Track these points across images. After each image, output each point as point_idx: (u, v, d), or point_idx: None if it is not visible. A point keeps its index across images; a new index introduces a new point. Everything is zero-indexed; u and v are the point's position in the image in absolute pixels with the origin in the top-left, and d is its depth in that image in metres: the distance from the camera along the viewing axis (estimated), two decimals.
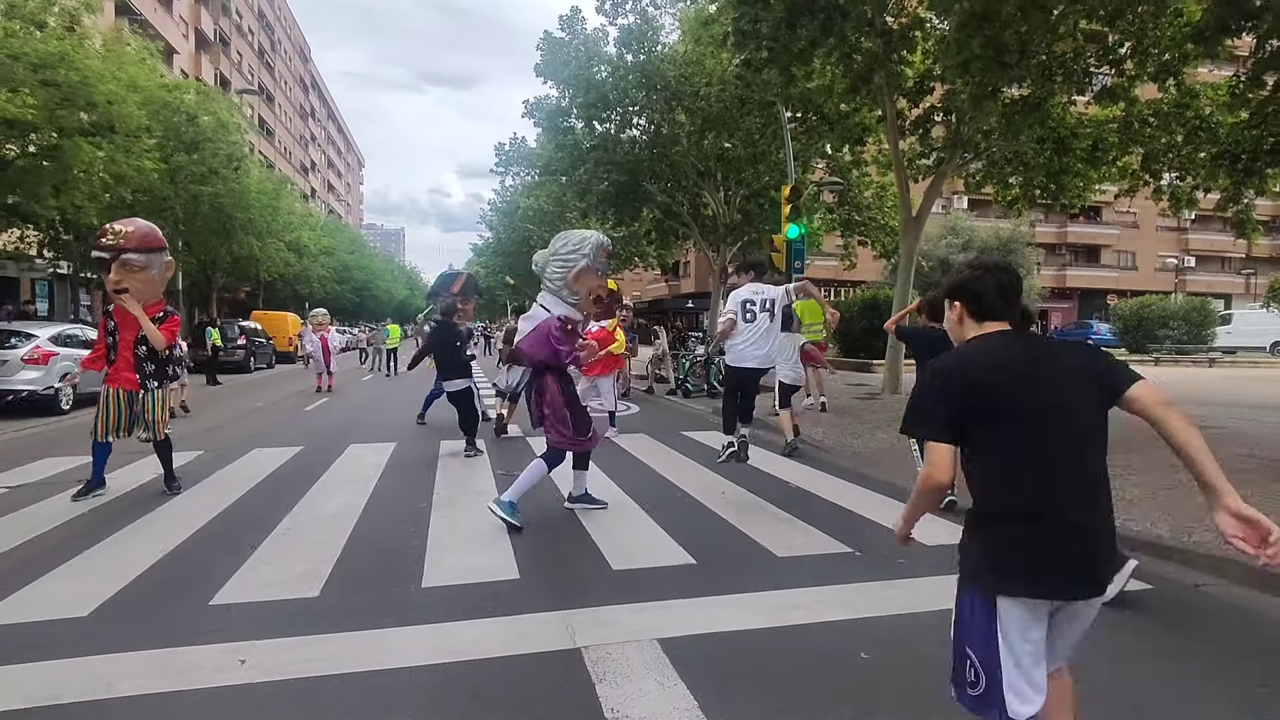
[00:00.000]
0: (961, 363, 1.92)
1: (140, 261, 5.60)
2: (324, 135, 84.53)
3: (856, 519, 5.24)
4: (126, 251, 5.55)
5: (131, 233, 5.60)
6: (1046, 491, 1.79)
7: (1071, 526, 1.77)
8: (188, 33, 42.40)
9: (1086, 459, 1.84)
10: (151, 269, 5.67)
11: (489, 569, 4.10)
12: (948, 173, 13.50)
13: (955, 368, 1.91)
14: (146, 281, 5.66)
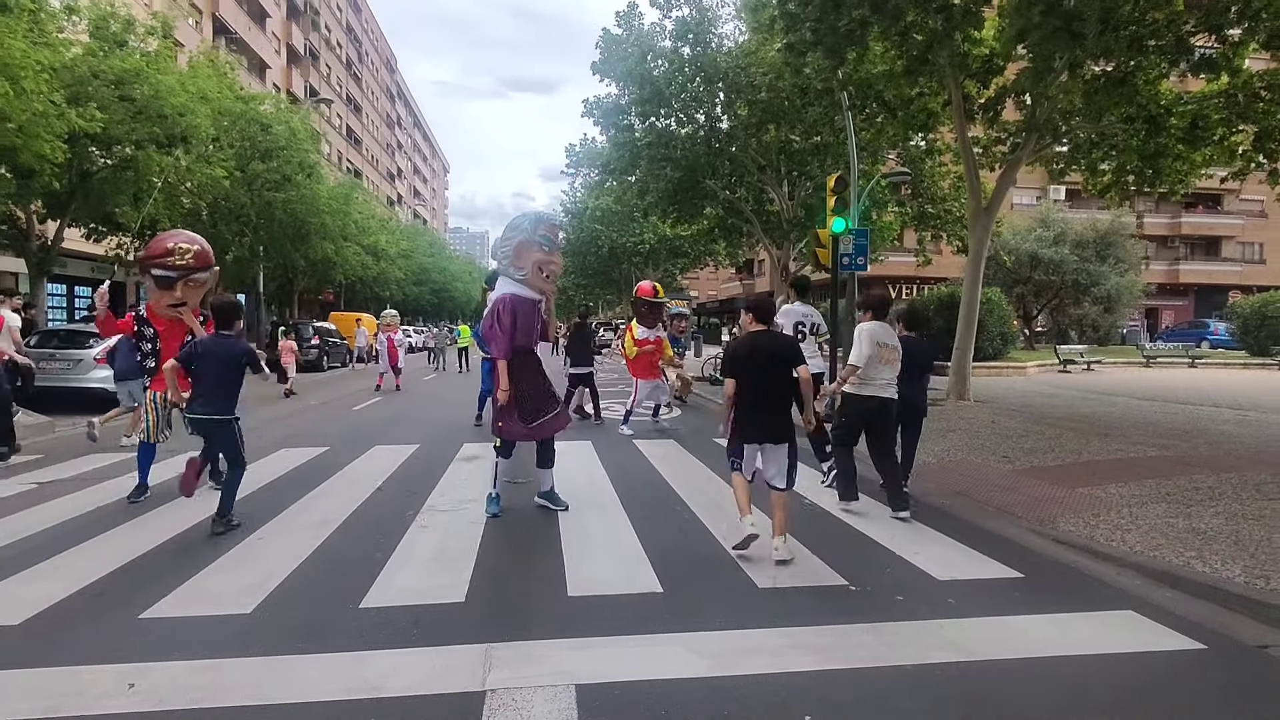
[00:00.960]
0: (740, 343, 4.52)
1: (204, 279, 5.74)
2: (410, 143, 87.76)
3: (867, 545, 4.66)
4: (195, 272, 5.64)
5: (198, 251, 5.72)
6: (755, 400, 4.36)
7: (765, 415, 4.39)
8: (279, 48, 44.72)
9: (776, 388, 4.40)
10: (209, 283, 5.85)
11: (436, 589, 3.80)
12: (1022, 159, 12.39)
13: (738, 345, 4.52)
14: (199, 294, 5.79)
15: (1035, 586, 3.93)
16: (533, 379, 5.43)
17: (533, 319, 5.37)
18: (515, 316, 5.21)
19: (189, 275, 5.60)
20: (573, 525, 5.07)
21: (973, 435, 8.89)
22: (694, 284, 77.29)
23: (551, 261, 5.35)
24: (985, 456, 7.59)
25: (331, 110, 52.84)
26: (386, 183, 71.86)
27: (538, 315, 5.40)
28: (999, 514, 5.46)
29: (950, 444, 8.34)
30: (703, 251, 36.43)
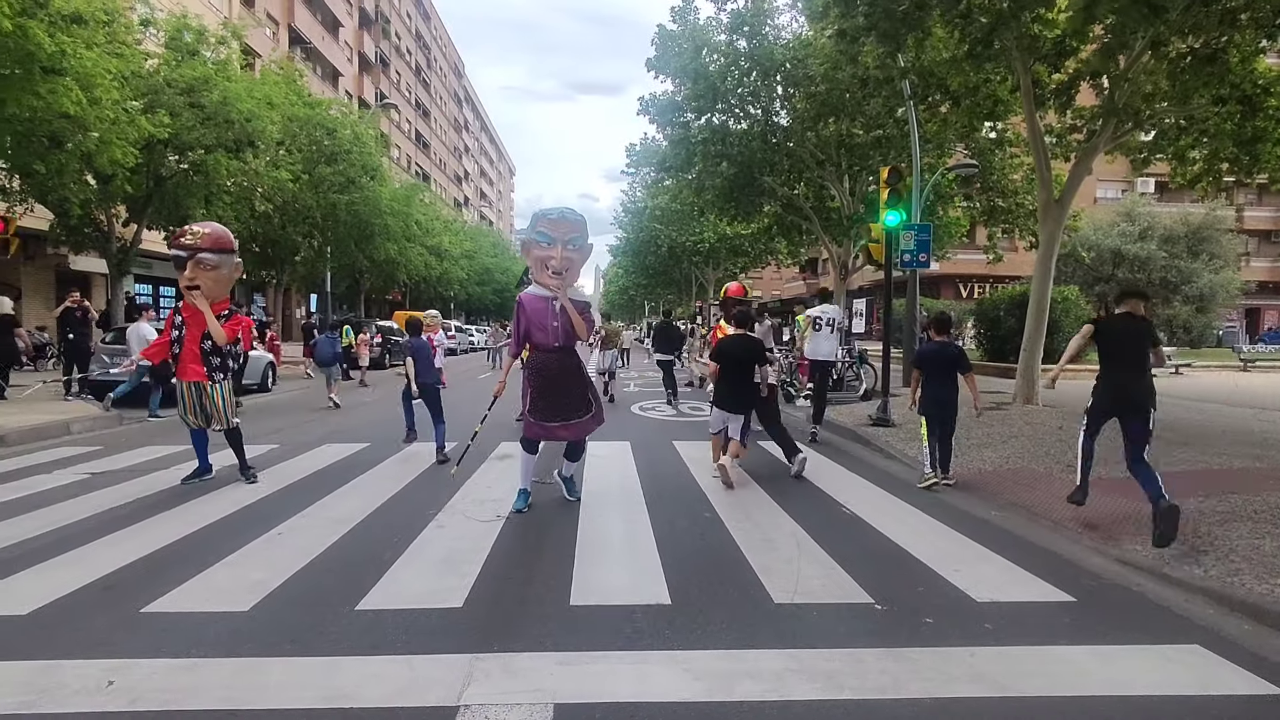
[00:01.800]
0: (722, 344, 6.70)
1: (213, 261, 5.87)
2: (476, 146, 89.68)
3: (904, 560, 4.30)
4: (202, 251, 5.82)
5: (208, 234, 5.92)
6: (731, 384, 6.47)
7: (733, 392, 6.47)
8: (351, 56, 46.32)
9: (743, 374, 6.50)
10: (222, 269, 5.97)
11: (436, 593, 3.67)
12: (1099, 147, 11.54)
13: (720, 344, 6.77)
14: (217, 280, 5.95)
15: (1088, 612, 3.52)
16: (556, 379, 5.32)
17: (545, 317, 5.24)
18: (521, 316, 5.28)
19: (196, 254, 5.79)
20: (592, 527, 4.89)
21: (1037, 441, 8.29)
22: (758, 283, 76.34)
23: (550, 256, 5.18)
24: (1048, 465, 7.03)
25: (401, 115, 54.50)
26: (453, 185, 73.61)
27: (550, 313, 5.25)
28: (1056, 529, 5.00)
29: (1011, 450, 7.79)
30: (763, 250, 35.82)
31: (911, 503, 5.65)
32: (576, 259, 5.28)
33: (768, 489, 6.08)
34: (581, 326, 5.35)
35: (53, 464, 7.13)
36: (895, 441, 8.31)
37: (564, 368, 5.34)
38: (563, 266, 5.22)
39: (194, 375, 5.94)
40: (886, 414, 9.41)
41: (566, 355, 5.37)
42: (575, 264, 5.30)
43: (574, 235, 5.26)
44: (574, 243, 5.23)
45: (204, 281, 5.83)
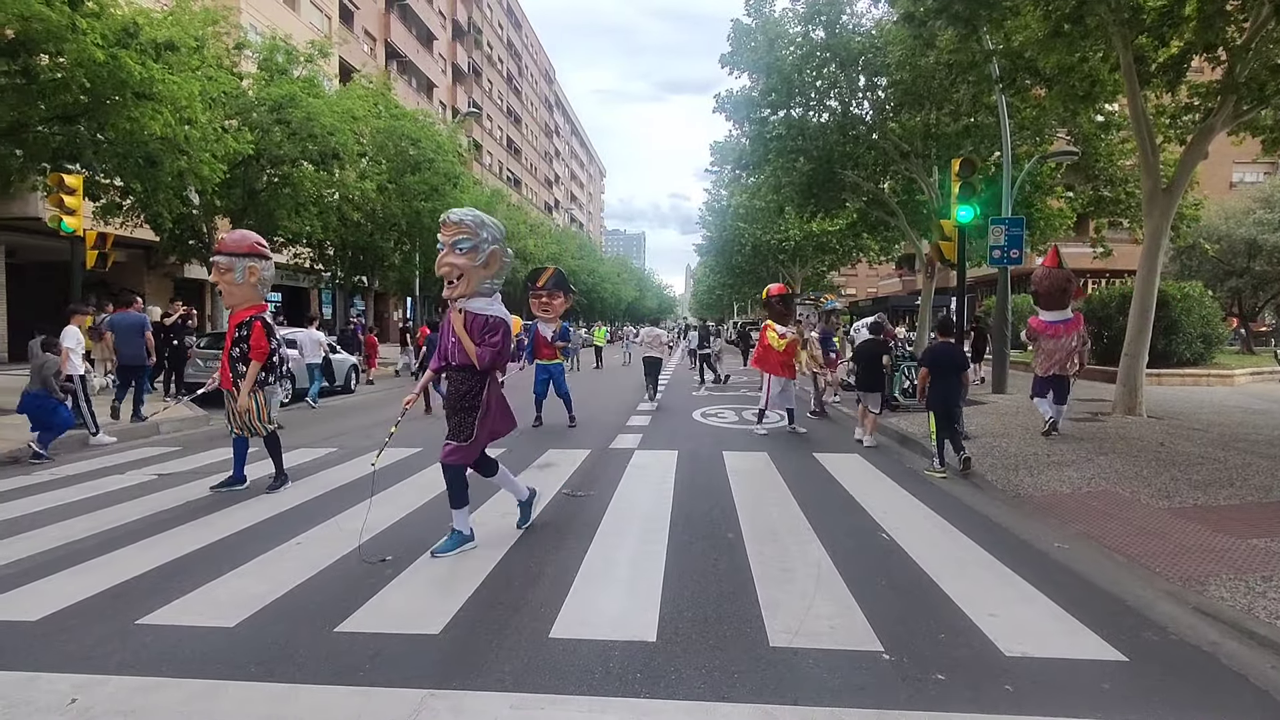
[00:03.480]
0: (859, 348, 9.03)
1: (224, 264, 6.04)
2: (567, 150, 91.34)
3: (932, 598, 3.86)
4: (218, 254, 6.03)
5: (222, 238, 6.13)
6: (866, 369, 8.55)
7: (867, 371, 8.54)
8: (445, 68, 48.08)
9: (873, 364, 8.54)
10: (234, 272, 6.05)
11: (419, 617, 3.56)
12: (1216, 127, 10.29)
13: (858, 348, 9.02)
14: (231, 284, 6.08)
15: (1140, 676, 3.00)
16: (448, 400, 4.81)
17: (445, 332, 4.71)
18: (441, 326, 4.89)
19: (216, 257, 6.05)
20: (604, 547, 4.68)
21: (1130, 459, 7.43)
22: (852, 280, 74.06)
23: (441, 265, 4.59)
24: (1136, 488, 6.25)
25: (493, 123, 56.17)
26: (544, 189, 75.25)
27: (448, 328, 4.67)
28: (1129, 566, 4.38)
29: (1097, 469, 7.00)
30: (852, 247, 34.56)
31: (962, 529, 5.12)
32: (466, 265, 4.48)
33: (807, 507, 5.68)
34: (470, 350, 4.54)
35: (129, 465, 7.61)
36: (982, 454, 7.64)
37: (455, 390, 4.71)
38: (448, 274, 4.55)
39: (226, 384, 6.16)
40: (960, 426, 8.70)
41: (464, 377, 4.67)
42: (468, 271, 4.50)
43: (459, 238, 4.47)
44: (459, 246, 4.47)
45: (223, 286, 6.03)
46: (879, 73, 16.44)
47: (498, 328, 4.61)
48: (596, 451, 8.36)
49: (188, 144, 11.24)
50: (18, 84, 9.69)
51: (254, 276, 6.18)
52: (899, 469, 7.47)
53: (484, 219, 4.62)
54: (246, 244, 6.20)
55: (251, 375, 6.14)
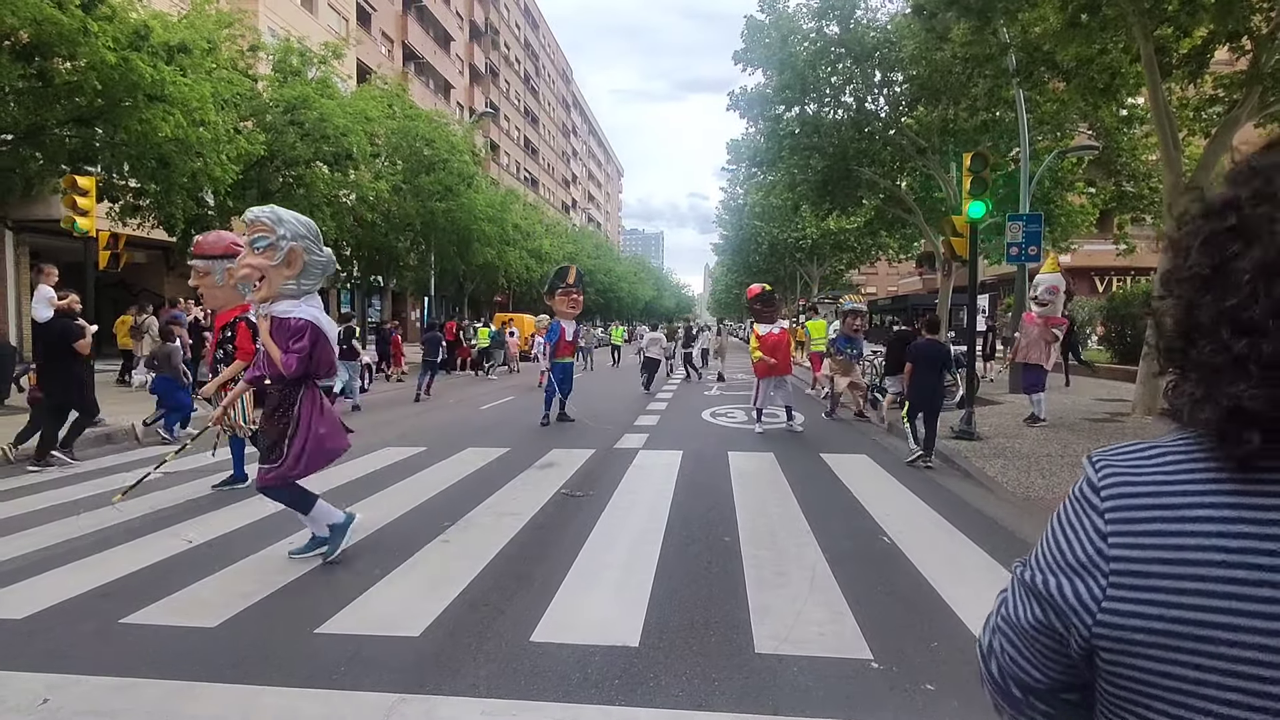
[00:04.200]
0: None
1: (202, 267, 5.97)
2: (585, 150, 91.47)
3: (929, 605, 3.74)
4: (195, 258, 5.99)
5: (200, 241, 6.08)
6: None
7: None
8: (463, 69, 48.32)
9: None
10: (213, 274, 5.99)
11: (401, 619, 3.52)
12: (1241, 119, 9.99)
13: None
14: (211, 286, 6.01)
15: None
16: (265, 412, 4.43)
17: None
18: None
19: (194, 261, 5.95)
20: (597, 548, 4.61)
21: None
22: (872, 279, 73.32)
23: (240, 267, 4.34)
24: None
25: (510, 123, 56.38)
26: (561, 189, 75.42)
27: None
28: None
29: None
30: (870, 245, 34.20)
31: (966, 532, 4.99)
32: (264, 265, 4.17)
33: (809, 509, 5.57)
34: (275, 357, 4.14)
35: (137, 463, 7.66)
36: (975, 458, 7.49)
37: (270, 403, 4.34)
38: (248, 276, 4.24)
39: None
40: (971, 426, 8.55)
41: (278, 389, 4.28)
42: (268, 272, 4.18)
43: (256, 236, 4.20)
44: (256, 245, 4.19)
45: (203, 289, 5.97)
46: (894, 68, 16.21)
47: (302, 331, 4.18)
48: (601, 451, 8.29)
49: (200, 145, 11.34)
50: (34, 87, 9.84)
51: (233, 278, 6.17)
52: (907, 470, 7.31)
53: (282, 216, 4.26)
54: (223, 245, 6.08)
55: (228, 373, 6.04)
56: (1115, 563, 0.64)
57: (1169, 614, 0.60)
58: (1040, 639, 0.72)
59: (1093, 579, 0.66)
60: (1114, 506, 0.66)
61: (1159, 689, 0.62)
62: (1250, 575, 0.58)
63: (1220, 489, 0.61)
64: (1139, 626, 0.62)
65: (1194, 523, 0.61)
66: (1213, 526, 0.60)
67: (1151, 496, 0.65)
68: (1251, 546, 0.58)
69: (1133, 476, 0.67)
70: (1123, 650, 0.64)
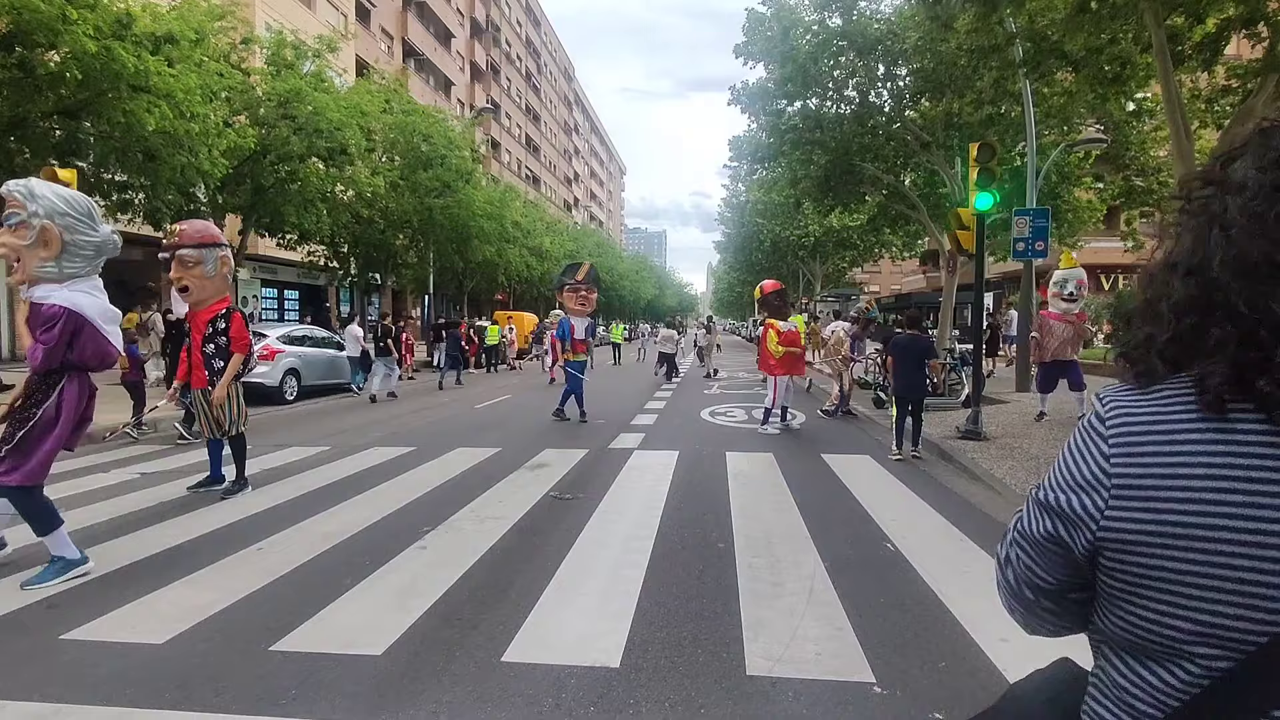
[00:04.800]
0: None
1: (193, 257, 5.71)
2: (587, 148, 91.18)
3: (939, 620, 3.46)
4: (181, 248, 5.70)
5: (185, 230, 5.79)
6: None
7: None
8: (464, 66, 48.06)
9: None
10: (205, 264, 5.75)
11: (362, 634, 3.25)
12: (1256, 109, 9.66)
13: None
14: (202, 277, 5.76)
15: None
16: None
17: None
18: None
19: (175, 251, 5.63)
20: (582, 556, 4.34)
21: None
22: (875, 277, 72.94)
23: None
24: None
25: (511, 121, 56.12)
26: (563, 187, 75.16)
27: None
28: None
29: None
30: (873, 243, 33.89)
31: (976, 539, 4.71)
32: (16, 245, 3.84)
33: (808, 513, 5.30)
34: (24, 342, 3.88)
35: (114, 463, 7.42)
36: (983, 459, 7.20)
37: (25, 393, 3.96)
38: (5, 256, 3.89)
39: (200, 382, 5.90)
40: (978, 426, 8.26)
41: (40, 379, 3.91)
42: (21, 252, 3.85)
43: (9, 213, 3.89)
44: (8, 222, 3.89)
45: (190, 281, 5.70)
46: (897, 60, 15.91)
47: (54, 319, 3.79)
48: (595, 451, 8.03)
49: (189, 139, 11.10)
50: (16, 78, 9.60)
51: (225, 267, 5.93)
52: (913, 472, 7.04)
53: (35, 190, 3.86)
54: (210, 234, 5.89)
55: (233, 368, 5.88)
56: (1116, 479, 0.76)
57: (1160, 519, 0.72)
58: (1050, 547, 0.84)
59: (1098, 494, 0.78)
60: (1117, 433, 0.78)
61: (1151, 579, 0.74)
62: (1225, 485, 0.69)
63: (1205, 422, 0.73)
64: (1136, 530, 0.74)
65: (1183, 444, 0.73)
66: (1198, 448, 0.72)
67: (1148, 425, 0.77)
68: (1227, 463, 0.70)
69: (1134, 409, 0.79)
70: (1121, 550, 0.76)
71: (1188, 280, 0.75)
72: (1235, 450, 0.70)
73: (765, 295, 10.44)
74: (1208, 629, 0.70)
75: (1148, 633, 0.76)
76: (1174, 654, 0.73)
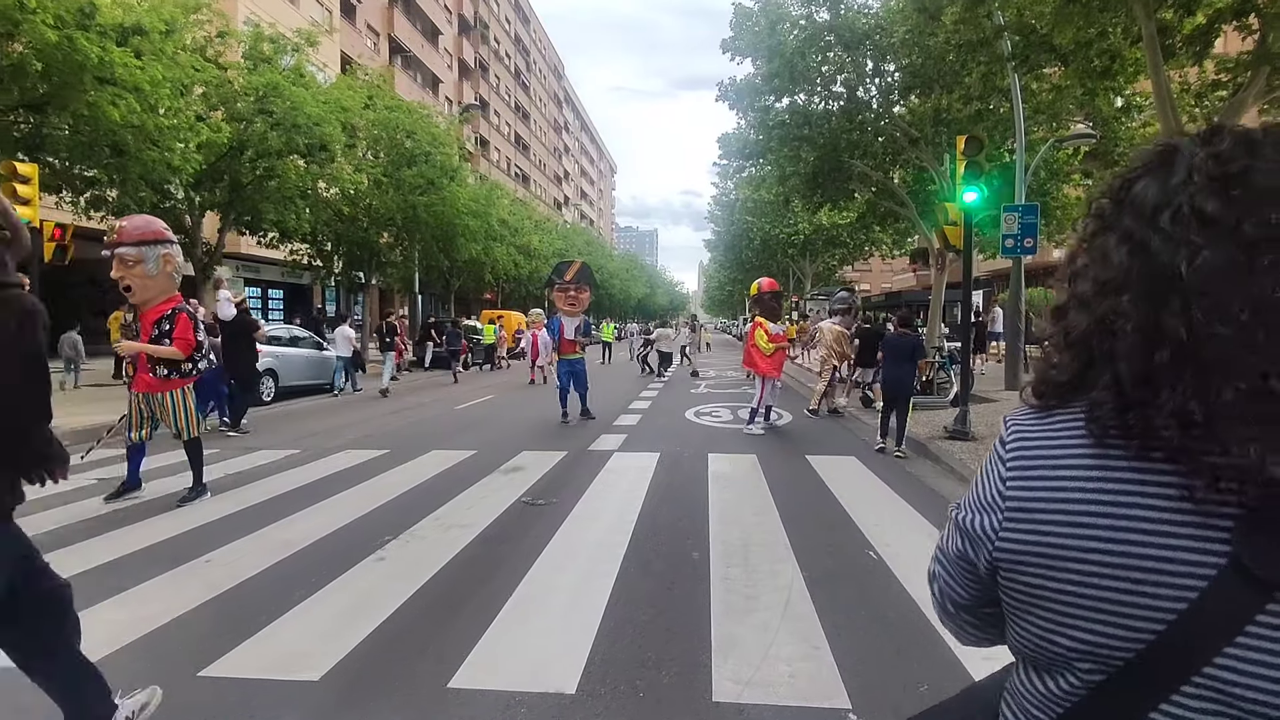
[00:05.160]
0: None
1: (133, 255, 5.41)
2: (577, 146, 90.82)
3: (922, 636, 3.24)
4: (121, 245, 5.41)
5: (125, 227, 5.47)
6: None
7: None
8: (451, 63, 47.65)
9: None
10: (146, 262, 5.44)
11: (300, 657, 3.01)
12: (1247, 102, 9.53)
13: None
14: (144, 276, 5.46)
15: None
16: None
17: None
18: None
19: (115, 249, 5.33)
20: (544, 572, 4.09)
21: None
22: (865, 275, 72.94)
23: None
24: None
25: (500, 119, 55.75)
26: (553, 185, 74.80)
27: None
28: None
29: None
30: (863, 240, 33.77)
31: None
32: None
33: (789, 519, 5.09)
34: None
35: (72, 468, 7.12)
36: (970, 460, 7.01)
37: None
38: None
39: (145, 386, 5.60)
40: (965, 425, 8.08)
41: None
42: None
43: None
44: None
45: (133, 280, 5.39)
46: (885, 55, 15.74)
47: None
48: (574, 453, 7.80)
49: (159, 133, 10.78)
50: None
51: (170, 265, 5.64)
52: (898, 474, 6.85)
53: None
54: (153, 230, 5.56)
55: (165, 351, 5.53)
56: (1010, 501, 0.80)
57: (1044, 540, 0.76)
58: (962, 564, 0.88)
59: (994, 514, 0.81)
60: (1013, 458, 0.82)
61: (1036, 597, 0.77)
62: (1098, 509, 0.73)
63: (1088, 449, 0.76)
64: (1024, 550, 0.78)
65: (1067, 470, 0.76)
66: (1078, 474, 0.75)
67: (1040, 451, 0.80)
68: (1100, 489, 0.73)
69: (1030, 434, 0.82)
70: (1012, 568, 0.79)
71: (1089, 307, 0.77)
72: (1108, 477, 0.73)
73: (761, 294, 10.23)
74: (1083, 644, 0.73)
75: (1036, 646, 0.79)
76: (1059, 665, 0.77)
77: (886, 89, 16.65)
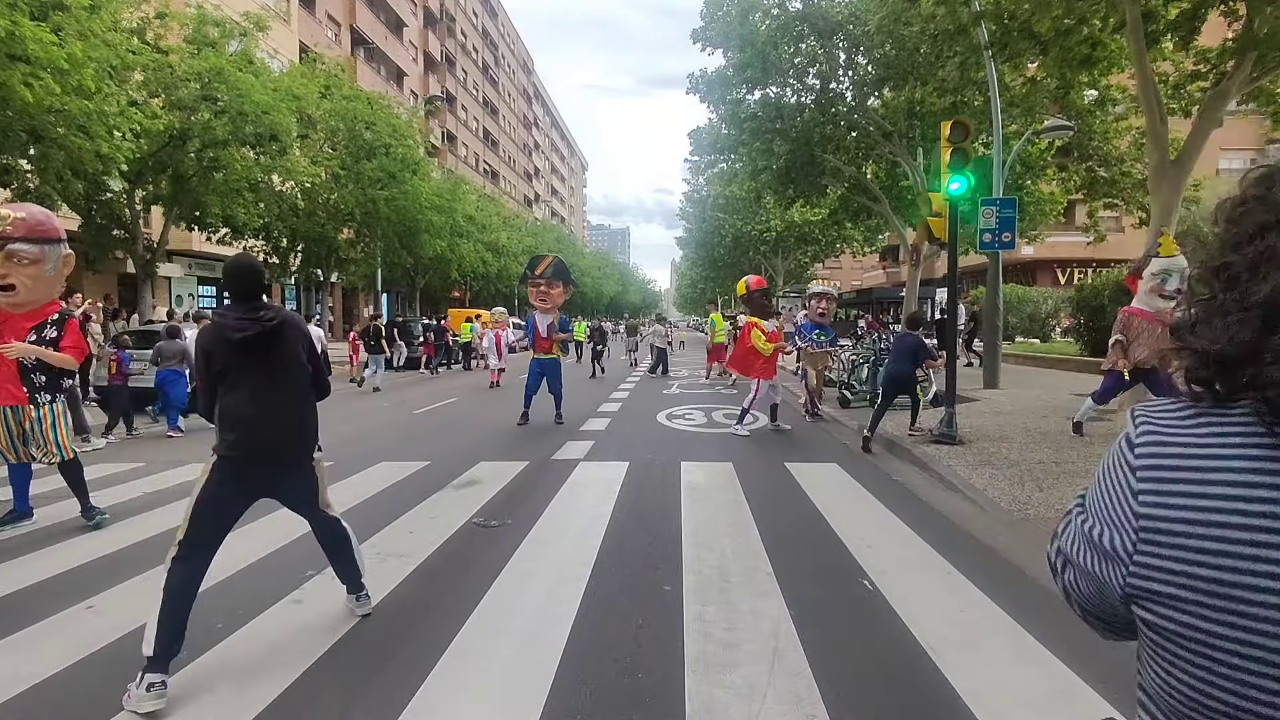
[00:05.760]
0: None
1: (31, 253, 4.71)
2: (547, 142, 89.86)
3: (927, 682, 2.74)
4: (14, 241, 4.69)
5: (21, 219, 4.73)
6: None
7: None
8: (417, 56, 46.56)
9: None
10: (45, 262, 4.77)
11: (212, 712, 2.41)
12: (1232, 90, 9.27)
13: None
14: (38, 277, 4.76)
15: None
16: None
17: None
18: None
19: (6, 245, 4.61)
20: (490, 613, 3.51)
21: None
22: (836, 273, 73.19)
23: None
24: None
25: (468, 114, 54.71)
26: (523, 182, 73.82)
27: None
28: None
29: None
30: (835, 237, 33.61)
31: (967, 573, 4.01)
32: None
33: (770, 538, 4.57)
34: None
35: None
36: (960, 467, 6.58)
37: None
38: None
39: (11, 399, 4.85)
40: (951, 428, 7.66)
41: None
42: None
43: None
44: None
45: (20, 280, 4.67)
46: (859, 46, 15.38)
47: None
48: (535, 463, 7.21)
49: (85, 118, 9.92)
50: None
51: (68, 268, 4.96)
52: (884, 482, 6.39)
53: None
54: (53, 227, 4.87)
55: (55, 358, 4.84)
56: (1144, 520, 0.67)
57: (1193, 570, 0.62)
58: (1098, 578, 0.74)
59: (1126, 533, 0.69)
60: (1145, 465, 0.69)
61: (1185, 640, 0.64)
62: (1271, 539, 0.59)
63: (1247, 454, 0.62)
64: (1166, 580, 0.65)
65: (1219, 485, 0.63)
66: (1236, 490, 0.62)
67: (1181, 458, 0.66)
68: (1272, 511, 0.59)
69: (1167, 436, 0.69)
70: (1152, 601, 0.67)
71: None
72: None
73: (750, 292, 9.75)
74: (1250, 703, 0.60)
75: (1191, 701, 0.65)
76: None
77: (860, 81, 16.29)
